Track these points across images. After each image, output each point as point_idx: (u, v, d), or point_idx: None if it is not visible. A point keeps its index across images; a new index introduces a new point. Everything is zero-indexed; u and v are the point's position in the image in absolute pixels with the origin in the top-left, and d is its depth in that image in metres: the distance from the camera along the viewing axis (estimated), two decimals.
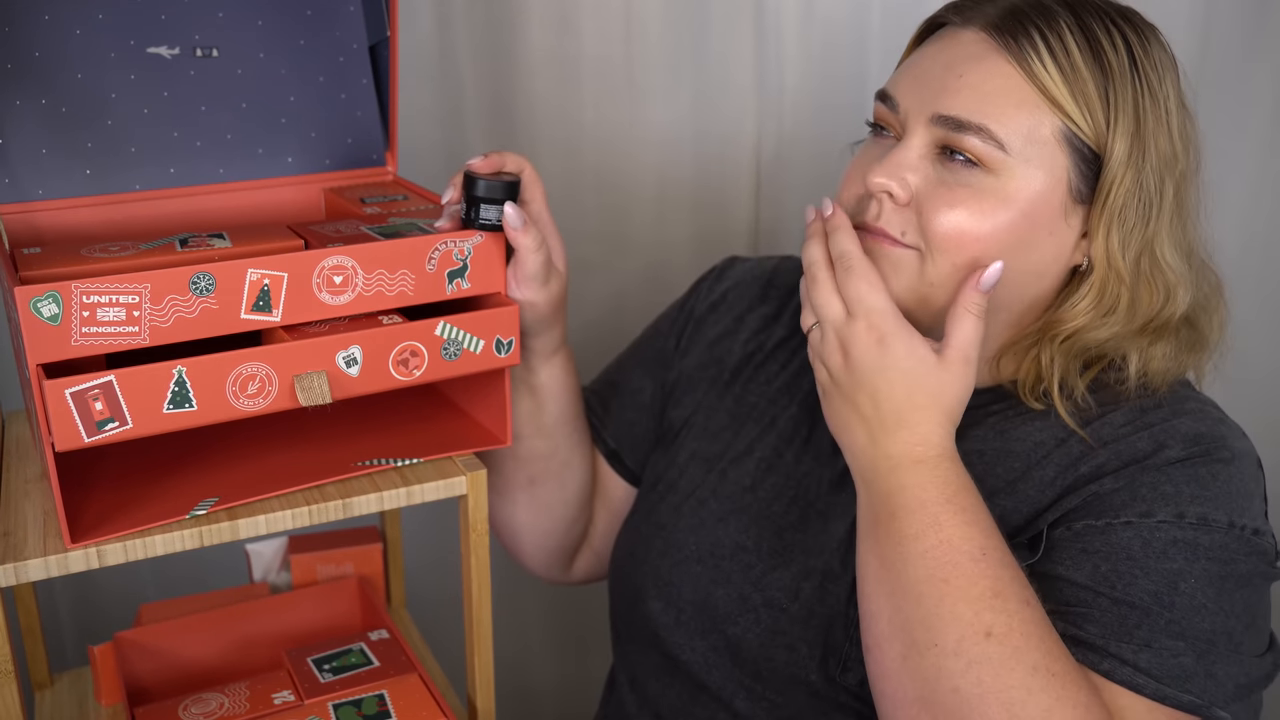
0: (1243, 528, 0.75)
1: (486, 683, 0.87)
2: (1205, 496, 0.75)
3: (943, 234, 0.77)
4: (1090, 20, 0.77)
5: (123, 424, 0.68)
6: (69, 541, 0.71)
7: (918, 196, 0.78)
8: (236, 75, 0.88)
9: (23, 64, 0.81)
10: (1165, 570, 0.73)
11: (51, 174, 0.83)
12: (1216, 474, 0.76)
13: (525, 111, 1.26)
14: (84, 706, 0.96)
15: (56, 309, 0.66)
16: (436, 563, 1.23)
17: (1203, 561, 0.73)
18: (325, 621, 1.00)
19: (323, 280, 0.73)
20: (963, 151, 0.77)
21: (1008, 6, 0.79)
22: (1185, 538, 0.74)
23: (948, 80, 0.78)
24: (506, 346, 0.80)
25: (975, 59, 0.78)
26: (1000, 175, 0.76)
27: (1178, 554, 0.73)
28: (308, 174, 0.92)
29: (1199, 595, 0.73)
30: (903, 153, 0.79)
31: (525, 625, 1.47)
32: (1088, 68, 0.76)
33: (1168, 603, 0.72)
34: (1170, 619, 0.72)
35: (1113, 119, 0.76)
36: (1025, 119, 0.76)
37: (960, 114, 0.76)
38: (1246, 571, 0.75)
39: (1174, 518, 0.74)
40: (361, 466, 0.80)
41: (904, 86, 0.81)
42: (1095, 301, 0.79)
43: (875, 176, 0.79)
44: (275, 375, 0.72)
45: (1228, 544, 0.74)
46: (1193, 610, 0.72)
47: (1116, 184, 0.77)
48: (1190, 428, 0.79)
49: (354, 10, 0.92)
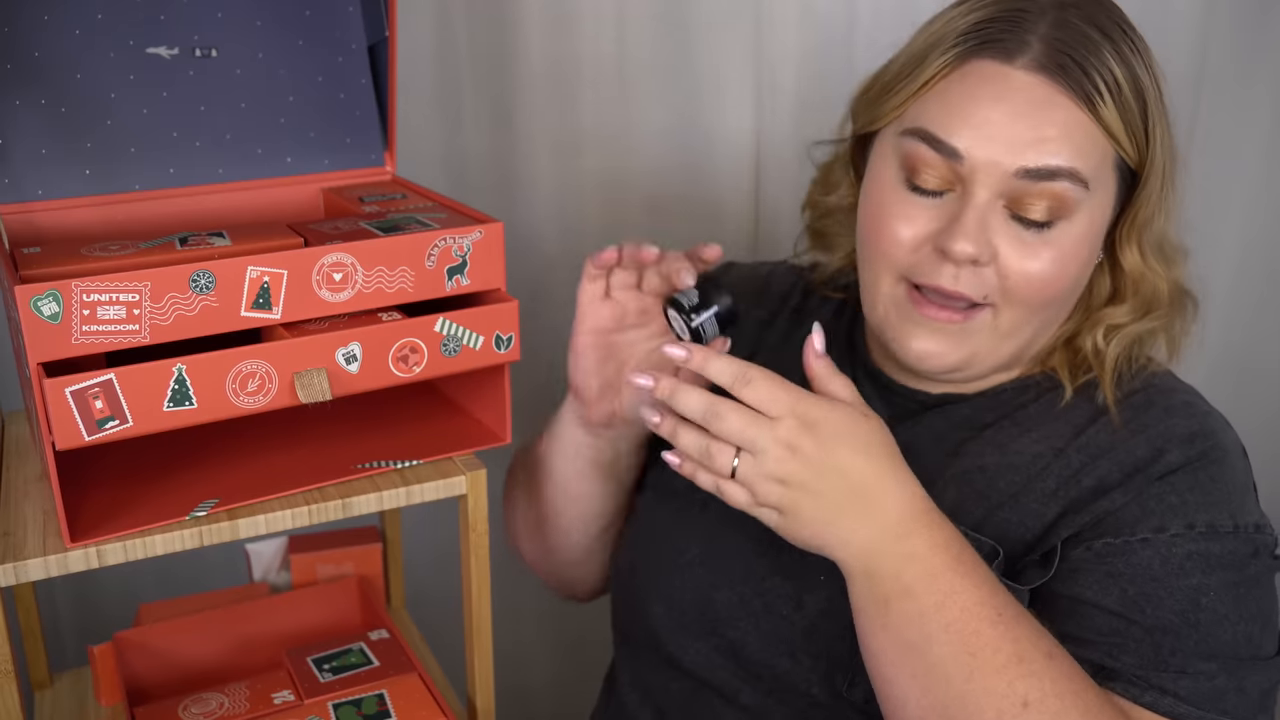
0: (1246, 527, 0.77)
1: (486, 682, 0.87)
2: (1209, 502, 0.76)
3: (1027, 288, 0.79)
4: (1120, 44, 0.78)
5: (123, 422, 0.68)
6: (69, 541, 0.71)
7: (997, 255, 0.78)
8: (235, 75, 0.89)
9: (23, 64, 0.81)
10: (1187, 587, 0.74)
11: (51, 174, 0.83)
12: (1215, 476, 0.78)
13: (524, 112, 1.26)
14: (84, 706, 0.96)
15: (57, 308, 0.66)
16: (436, 563, 1.23)
17: (1218, 572, 0.75)
18: (325, 621, 1.00)
19: (322, 277, 0.73)
20: (1041, 201, 0.76)
21: (1048, 40, 0.77)
22: (1199, 549, 0.75)
23: (1023, 132, 0.76)
24: (506, 342, 0.80)
25: (1045, 106, 0.76)
26: (1076, 214, 0.78)
27: (1194, 568, 0.75)
28: (307, 174, 0.92)
29: (1220, 607, 0.74)
30: (980, 213, 0.77)
31: (524, 625, 1.47)
32: (1133, 97, 0.78)
33: (1194, 621, 0.74)
34: (1199, 638, 0.73)
35: (1153, 136, 0.79)
36: (1096, 154, 0.78)
37: (1049, 164, 0.76)
38: (1256, 572, 0.76)
39: (1185, 529, 0.75)
40: (362, 469, 0.80)
41: (968, 136, 0.77)
42: (1136, 303, 0.84)
43: (962, 245, 0.76)
44: (275, 373, 0.72)
45: (1237, 548, 0.76)
46: (1216, 624, 0.74)
47: (1152, 195, 0.80)
48: (1184, 427, 0.80)
49: (353, 10, 0.92)
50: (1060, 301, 0.82)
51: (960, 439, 0.85)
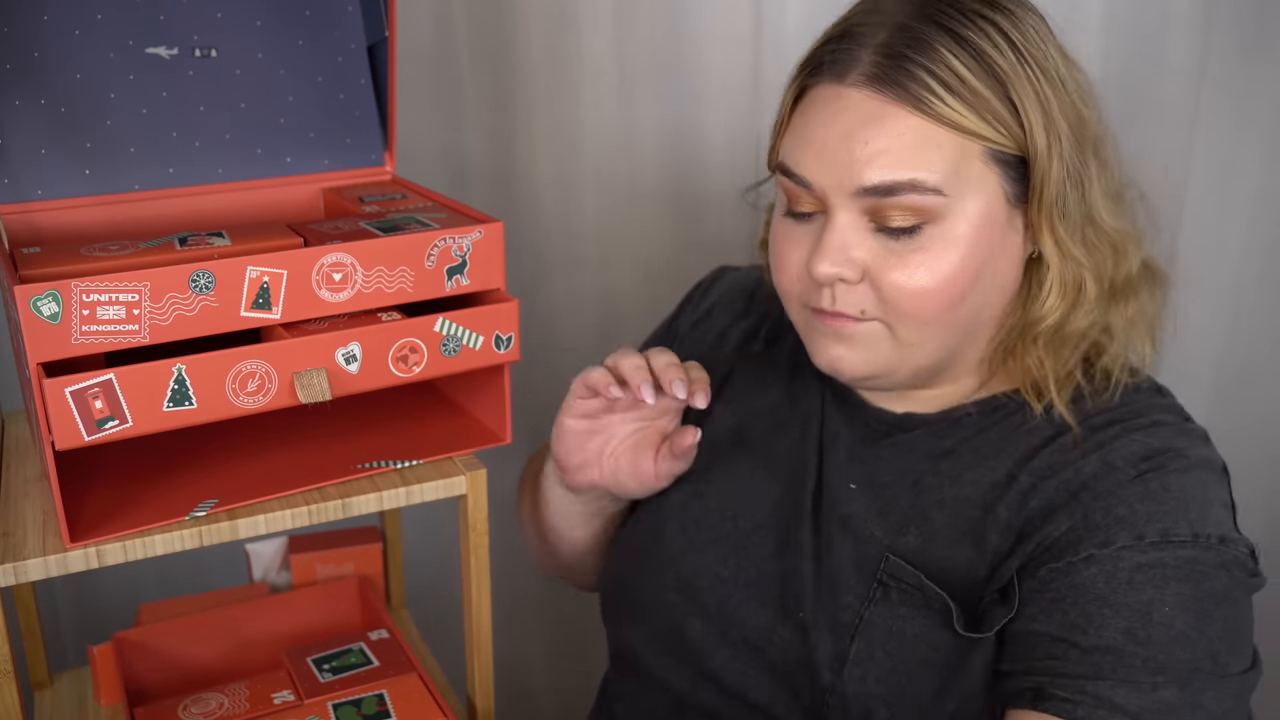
0: (1208, 537, 0.71)
1: (486, 682, 0.87)
2: (1162, 512, 0.71)
3: (905, 300, 0.76)
4: (964, 30, 0.74)
5: (123, 422, 0.68)
6: (68, 541, 0.71)
7: (868, 271, 0.76)
8: (235, 75, 0.89)
9: (23, 64, 0.81)
10: (1135, 603, 0.69)
11: (51, 174, 0.83)
12: (1170, 485, 0.73)
13: (524, 111, 1.26)
14: (84, 706, 0.96)
15: (56, 308, 0.66)
16: (436, 563, 1.23)
17: (1173, 584, 0.70)
18: (325, 621, 1.00)
19: (322, 277, 0.73)
20: (899, 212, 0.74)
21: (879, 48, 0.75)
22: (1149, 560, 0.70)
23: (855, 150, 0.74)
24: (506, 342, 0.80)
25: (875, 121, 0.74)
26: (944, 220, 0.74)
27: (1145, 581, 0.70)
28: (306, 174, 0.92)
29: (1176, 624, 0.69)
30: (838, 235, 0.76)
31: (525, 625, 1.47)
32: (984, 84, 0.73)
33: (1143, 639, 0.68)
34: (1147, 655, 0.68)
35: (1024, 119, 0.74)
36: (948, 158, 0.73)
37: (885, 180, 0.73)
38: (1222, 586, 0.71)
39: (1133, 540, 0.71)
40: (361, 469, 0.80)
41: (810, 164, 0.76)
42: (1061, 294, 0.78)
43: (821, 267, 0.76)
44: (275, 373, 0.72)
45: (1196, 558, 0.70)
46: (1171, 641, 0.68)
47: (1047, 177, 0.75)
48: (1141, 445, 0.76)
49: (352, 10, 0.92)
50: (958, 307, 0.77)
51: (920, 472, 0.82)
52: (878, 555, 0.80)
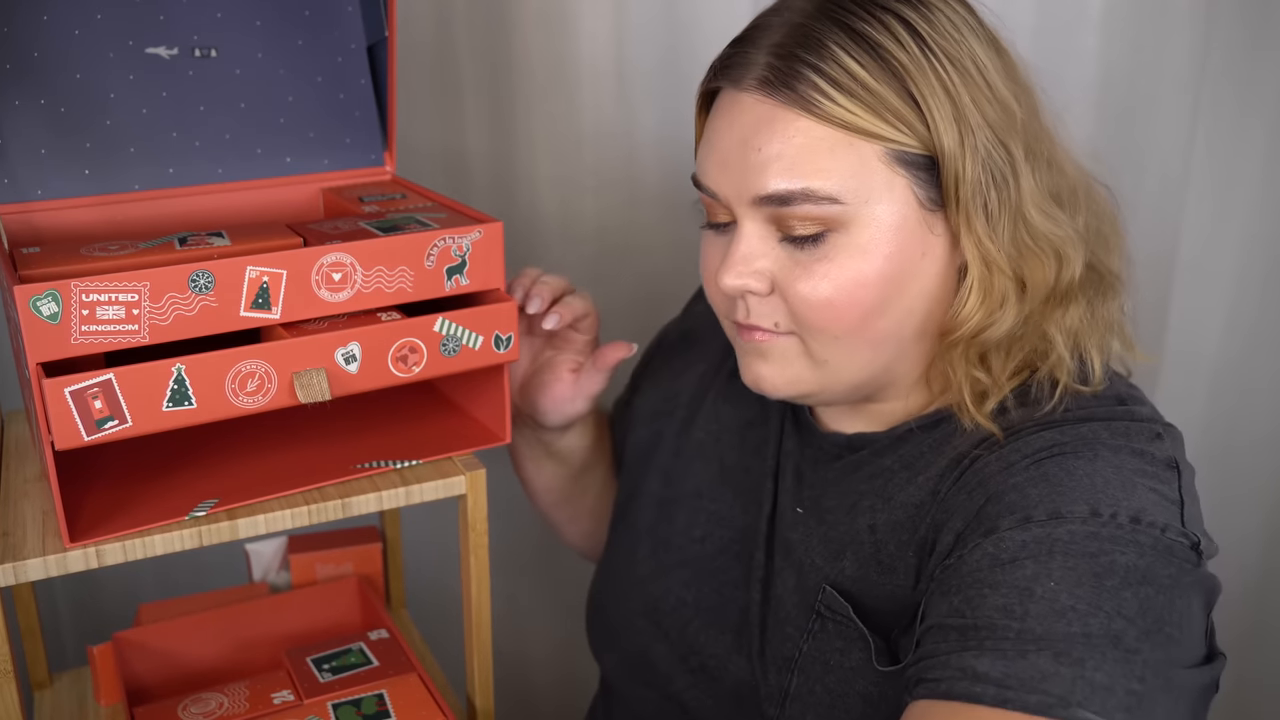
0: (1113, 515, 0.64)
1: (486, 682, 0.87)
2: (1054, 493, 0.66)
3: (811, 313, 0.73)
4: (861, 24, 0.69)
5: (122, 422, 0.68)
6: (68, 541, 0.70)
7: (776, 282, 0.74)
8: (235, 75, 0.89)
9: (22, 64, 0.81)
10: (1015, 580, 0.63)
11: (51, 174, 0.83)
12: (1071, 469, 0.67)
13: (524, 112, 1.26)
14: (83, 706, 0.96)
15: (56, 308, 0.66)
16: (436, 563, 1.23)
17: (1059, 558, 0.63)
18: (325, 621, 1.00)
19: (322, 277, 0.73)
20: (799, 221, 0.71)
21: (772, 49, 0.71)
22: (1034, 537, 0.64)
23: (749, 157, 0.71)
24: (505, 342, 0.80)
25: (765, 125, 0.71)
26: (848, 228, 0.71)
27: (1028, 559, 0.64)
28: (306, 174, 0.92)
29: (1062, 598, 0.62)
30: (743, 245, 0.73)
31: (525, 625, 1.47)
32: (880, 81, 0.69)
33: (1020, 613, 0.62)
34: (1022, 628, 0.61)
35: (929, 116, 0.69)
36: (844, 163, 0.70)
37: (779, 189, 0.70)
38: (1132, 565, 0.63)
39: (1020, 523, 0.65)
40: (361, 469, 0.80)
41: (713, 173, 0.74)
42: (981, 300, 0.72)
43: (725, 279, 0.74)
44: (274, 373, 0.72)
45: (1094, 533, 0.64)
46: (1053, 615, 0.61)
47: (960, 176, 0.70)
48: (1047, 440, 0.70)
49: (352, 10, 0.92)
50: (874, 320, 0.73)
51: (859, 494, 0.78)
52: (816, 585, 0.77)
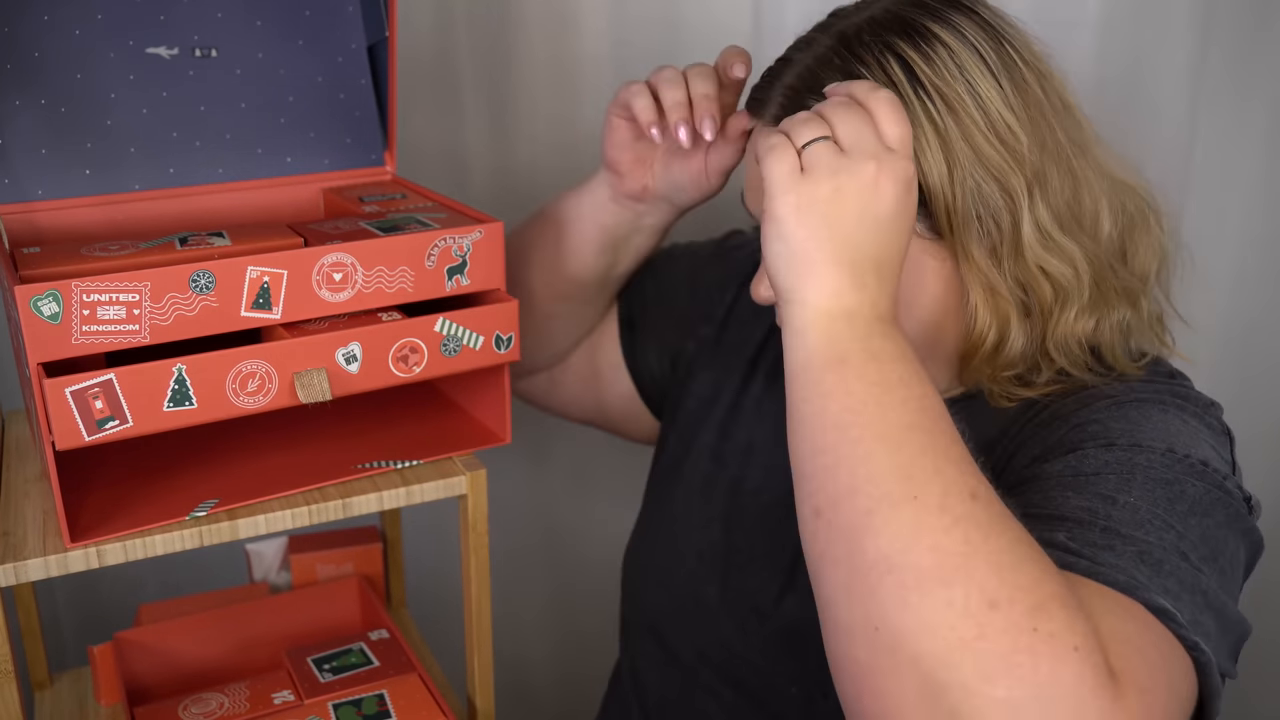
0: (1186, 456, 0.68)
1: (486, 682, 0.87)
2: (1135, 429, 0.70)
3: None
4: (858, 66, 0.74)
5: (123, 422, 0.68)
6: (68, 541, 0.71)
7: None
8: (235, 75, 0.89)
9: (23, 64, 0.81)
10: (1099, 488, 0.66)
11: (51, 174, 0.83)
12: (1148, 414, 0.72)
13: (524, 112, 1.26)
14: (84, 706, 0.96)
15: (57, 308, 0.66)
16: (436, 563, 1.23)
17: (1140, 479, 0.66)
18: (325, 621, 1.00)
19: (322, 277, 0.73)
20: None
21: (785, 89, 0.77)
22: (1118, 459, 0.67)
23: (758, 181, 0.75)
24: (506, 342, 0.80)
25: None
26: None
27: (1110, 474, 0.67)
28: (306, 174, 0.92)
29: (1142, 509, 0.65)
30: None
31: (525, 625, 1.47)
32: None
33: (1103, 514, 0.64)
34: (1106, 526, 0.64)
35: (916, 151, 0.72)
36: None
37: None
38: (1199, 497, 0.67)
39: (1103, 447, 0.69)
40: (362, 469, 0.80)
41: (750, 198, 0.81)
42: (990, 322, 0.76)
43: (756, 290, 0.80)
44: (275, 373, 0.72)
45: (1170, 465, 0.67)
46: (1134, 523, 0.64)
47: (951, 209, 0.73)
48: (1123, 389, 0.75)
49: (352, 10, 0.92)
50: None
51: None
52: None
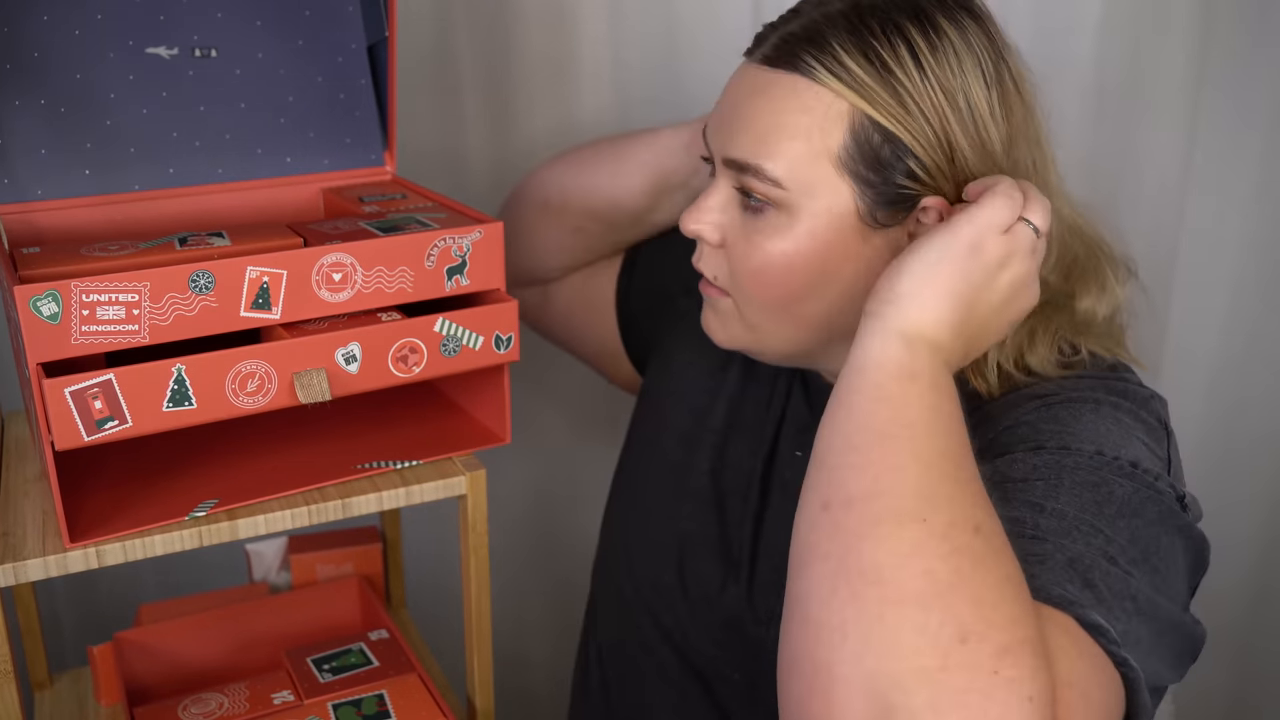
0: (1115, 458, 0.67)
1: (486, 682, 0.87)
2: (1064, 430, 0.69)
3: (741, 276, 0.78)
4: (869, 37, 0.73)
5: (122, 422, 0.68)
6: (68, 541, 0.71)
7: (726, 240, 0.79)
8: (235, 75, 0.89)
9: (22, 64, 0.81)
10: (1027, 496, 0.65)
11: (51, 174, 0.83)
12: (1078, 414, 0.71)
13: (524, 111, 1.26)
14: (83, 706, 0.96)
15: (56, 308, 0.66)
16: (436, 563, 1.23)
17: (1068, 483, 0.66)
18: (325, 621, 1.00)
19: (322, 278, 0.73)
20: (753, 190, 0.75)
21: (784, 34, 0.76)
22: (1046, 463, 0.67)
23: (734, 121, 0.77)
24: (505, 342, 0.80)
25: (755, 92, 0.76)
26: (789, 211, 0.75)
27: (1039, 480, 0.66)
28: (306, 174, 0.92)
29: (1069, 515, 0.64)
30: (709, 196, 0.79)
31: (525, 625, 1.47)
32: (871, 77, 0.72)
33: (1030, 525, 0.64)
34: (1034, 535, 0.64)
35: (917, 124, 0.72)
36: (799, 153, 0.73)
37: (737, 156, 0.76)
38: (1127, 498, 0.66)
39: (1031, 450, 0.68)
40: (361, 469, 0.80)
41: (710, 129, 0.80)
42: None
43: (686, 221, 0.80)
44: (275, 373, 0.72)
45: (1098, 467, 0.67)
46: (1061, 530, 0.64)
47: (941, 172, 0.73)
48: (1055, 387, 0.74)
49: (352, 10, 0.92)
50: (799, 302, 0.77)
51: None
52: None
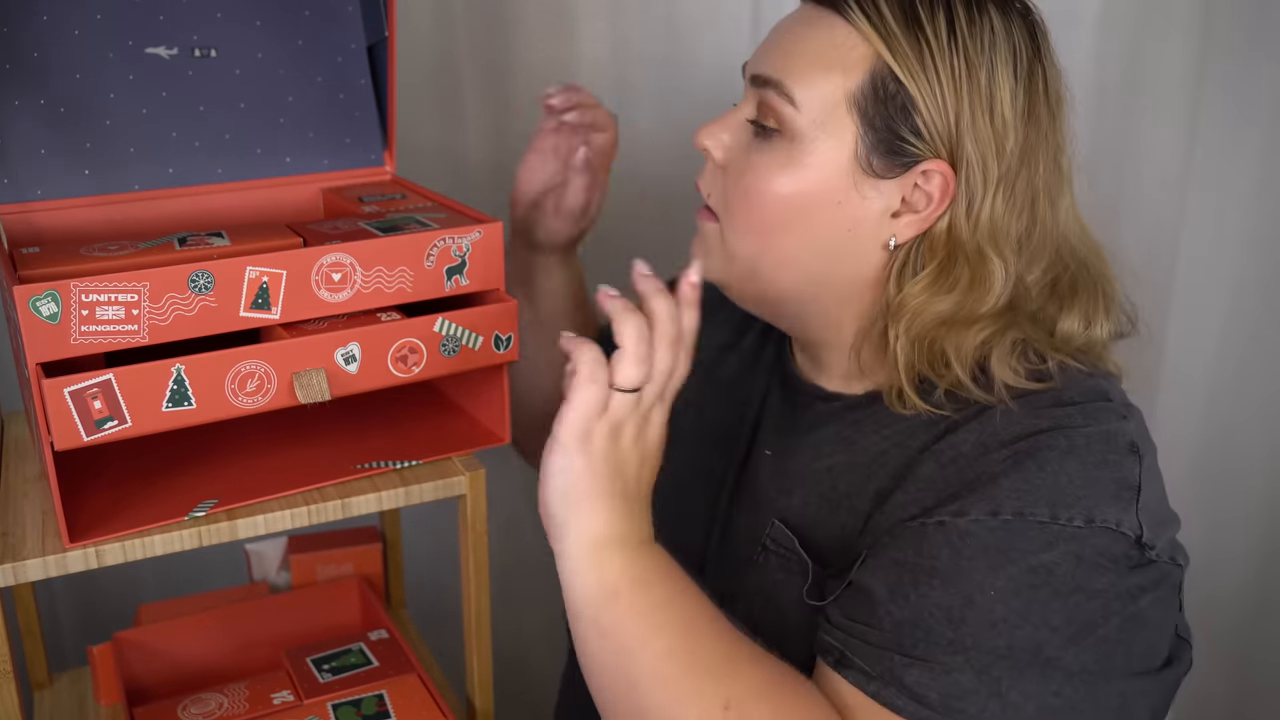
0: (1069, 520, 0.68)
1: (485, 683, 0.87)
2: (1026, 490, 0.69)
3: (732, 196, 0.79)
4: (918, 4, 0.74)
5: (122, 422, 0.68)
6: (67, 541, 0.70)
7: (729, 163, 0.80)
8: (235, 75, 0.89)
9: (22, 64, 0.81)
10: (965, 584, 0.67)
11: (50, 174, 0.83)
12: (1045, 463, 0.70)
13: (524, 112, 1.26)
14: (83, 707, 0.96)
15: (55, 308, 0.66)
16: (436, 563, 1.23)
17: (1010, 568, 0.67)
18: (325, 621, 1.00)
19: (321, 278, 0.73)
20: (768, 111, 0.77)
21: None
22: (995, 542, 0.68)
23: (772, 46, 0.79)
24: (505, 343, 0.80)
25: (795, 25, 0.79)
26: (794, 141, 0.76)
27: (983, 561, 0.67)
28: (306, 174, 0.92)
29: (998, 609, 0.66)
30: (728, 117, 0.81)
31: (525, 625, 1.47)
32: (902, 30, 0.73)
33: (958, 619, 0.67)
34: (954, 637, 0.66)
35: (933, 80, 0.73)
36: (824, 86, 0.75)
37: (764, 72, 0.77)
38: (1069, 573, 0.67)
39: (988, 515, 0.69)
40: (361, 469, 0.80)
41: (753, 56, 0.81)
42: (934, 277, 0.75)
43: (700, 135, 0.81)
44: (274, 373, 0.72)
45: (1045, 541, 0.67)
46: (987, 625, 0.66)
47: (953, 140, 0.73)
48: (1022, 426, 0.72)
49: (352, 10, 0.92)
50: (778, 233, 0.77)
51: (823, 438, 0.82)
52: (766, 520, 0.82)
